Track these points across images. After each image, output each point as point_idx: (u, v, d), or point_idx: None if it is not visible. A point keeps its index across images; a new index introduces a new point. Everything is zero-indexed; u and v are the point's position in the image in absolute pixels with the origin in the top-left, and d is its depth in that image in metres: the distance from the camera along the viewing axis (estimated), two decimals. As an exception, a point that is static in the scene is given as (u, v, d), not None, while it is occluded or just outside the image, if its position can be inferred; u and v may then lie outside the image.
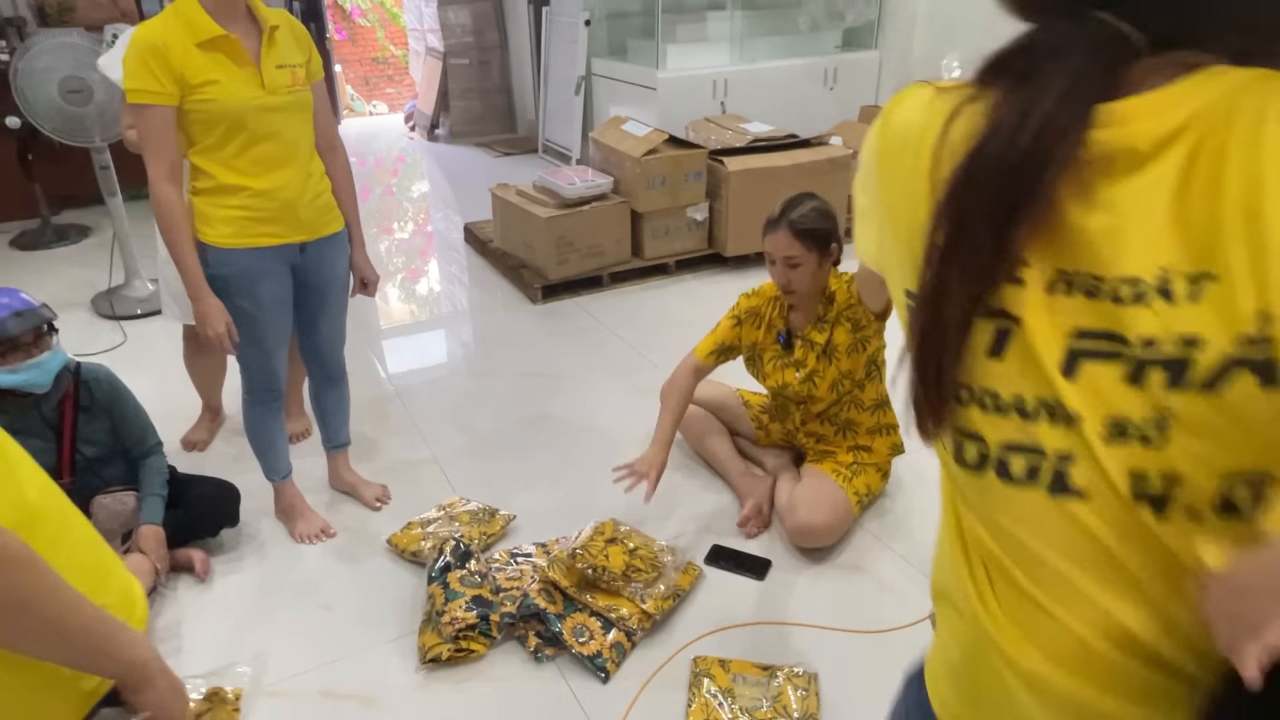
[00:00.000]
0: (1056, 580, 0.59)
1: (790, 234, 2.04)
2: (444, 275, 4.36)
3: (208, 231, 1.90)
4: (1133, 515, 0.55)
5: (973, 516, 0.64)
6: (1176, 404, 0.52)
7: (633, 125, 4.04)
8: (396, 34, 9.23)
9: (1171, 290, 0.51)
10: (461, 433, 2.79)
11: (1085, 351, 0.55)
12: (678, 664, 1.85)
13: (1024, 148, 0.53)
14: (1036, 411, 0.57)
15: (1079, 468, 0.56)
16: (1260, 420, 0.50)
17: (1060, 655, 0.60)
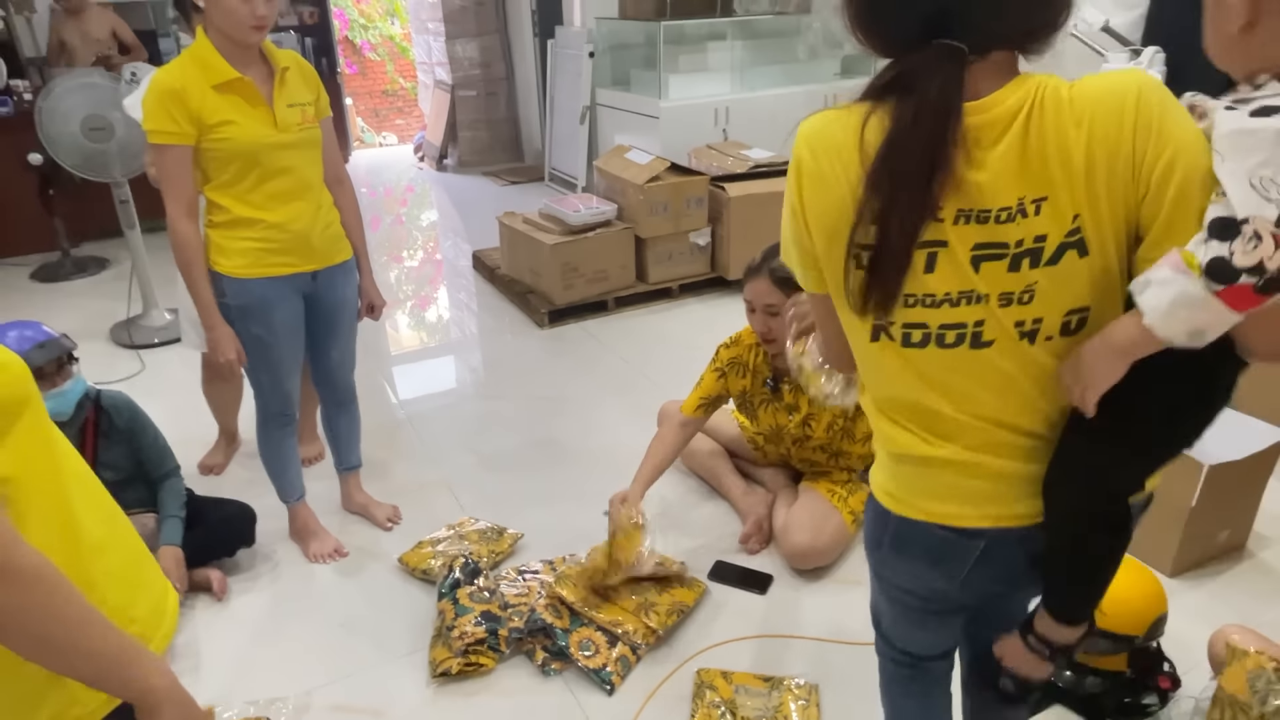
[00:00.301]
0: (974, 401, 0.97)
1: (770, 282, 2.04)
2: (452, 302, 4.44)
3: (224, 263, 1.98)
4: (1018, 347, 0.93)
5: (911, 383, 0.98)
6: (1036, 276, 0.90)
7: (635, 154, 4.13)
8: (405, 67, 9.43)
9: (1026, 210, 0.88)
10: (470, 454, 2.85)
11: (983, 256, 0.90)
12: (682, 677, 1.90)
13: (929, 133, 0.85)
14: (958, 300, 0.92)
15: (987, 327, 0.93)
16: (1079, 278, 0.89)
17: (976, 445, 0.99)
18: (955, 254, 0.90)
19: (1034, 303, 0.90)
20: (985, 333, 0.93)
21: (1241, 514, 2.23)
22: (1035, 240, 0.88)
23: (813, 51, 5.44)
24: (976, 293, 0.91)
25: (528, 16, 6.61)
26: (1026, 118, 0.86)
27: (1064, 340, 0.92)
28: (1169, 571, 2.16)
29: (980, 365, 0.94)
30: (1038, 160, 0.86)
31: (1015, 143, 0.86)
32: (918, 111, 0.85)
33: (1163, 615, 1.78)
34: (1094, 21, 3.75)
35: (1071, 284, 0.89)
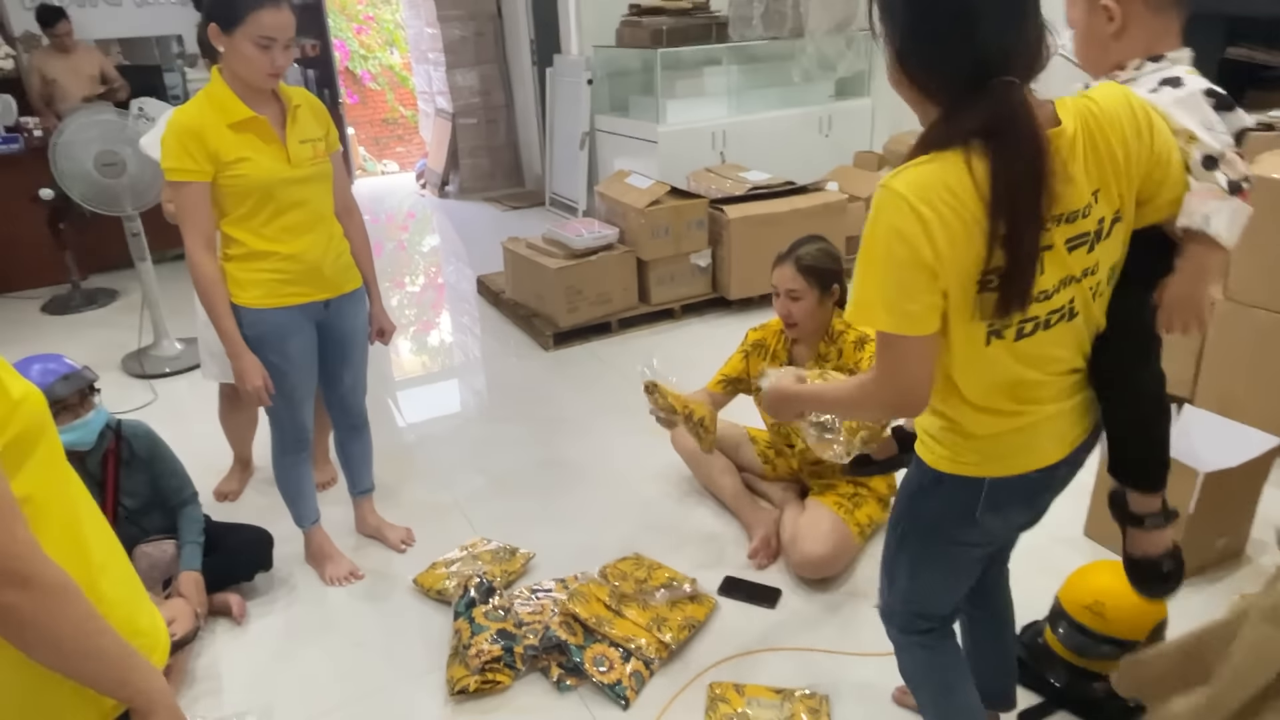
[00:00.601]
0: (1057, 361, 1.20)
1: (795, 269, 2.20)
2: (457, 326, 4.51)
3: (240, 294, 2.04)
4: (1089, 308, 1.19)
5: (1011, 367, 1.17)
6: (1100, 249, 1.15)
7: (636, 178, 4.21)
8: (405, 96, 9.57)
9: (1095, 203, 1.12)
10: (480, 475, 2.90)
11: (1073, 246, 1.12)
12: (695, 691, 1.93)
13: (1034, 162, 1.05)
14: (1059, 288, 1.14)
15: (1076, 301, 1.16)
16: (1119, 240, 1.18)
17: (1058, 395, 1.23)
18: (1059, 252, 1.11)
19: (1099, 270, 1.16)
20: (1075, 306, 1.17)
21: (1239, 520, 2.27)
22: (1098, 223, 1.13)
23: (807, 75, 5.54)
24: (1072, 277, 1.14)
25: (526, 46, 6.73)
26: (1084, 132, 1.10)
27: (1109, 289, 1.21)
28: (1170, 578, 2.19)
29: (1069, 333, 1.18)
30: (1095, 163, 1.11)
31: (1085, 154, 1.10)
32: (1020, 146, 1.04)
33: (1163, 620, 1.82)
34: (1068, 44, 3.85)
35: (1116, 248, 1.18)
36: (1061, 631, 1.86)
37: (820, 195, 4.25)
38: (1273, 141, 2.91)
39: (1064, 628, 1.86)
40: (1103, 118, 1.11)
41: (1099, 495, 2.36)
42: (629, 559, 2.30)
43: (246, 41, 1.88)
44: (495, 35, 7.07)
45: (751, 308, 4.18)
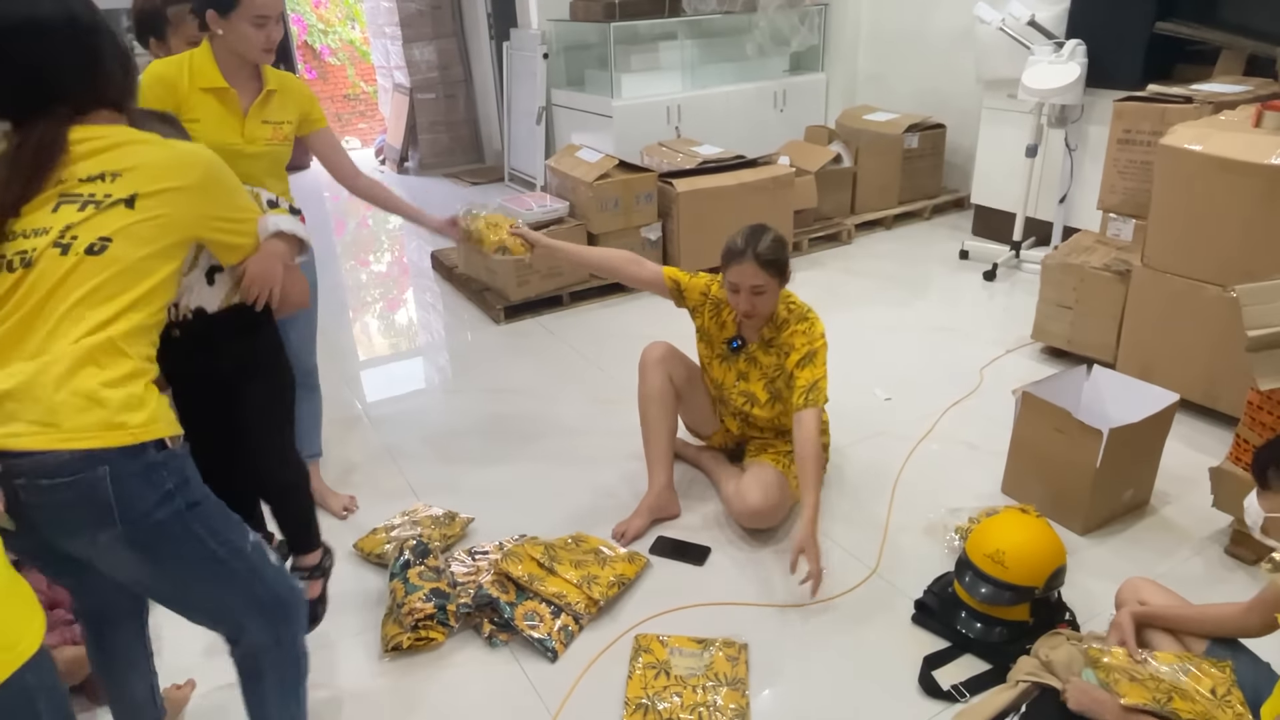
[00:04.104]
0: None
1: (757, 265, 2.16)
2: (415, 301, 4.53)
3: None
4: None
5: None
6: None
7: (586, 152, 4.25)
8: (366, 71, 9.45)
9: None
10: (426, 446, 2.95)
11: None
12: (622, 645, 2.02)
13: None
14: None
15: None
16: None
17: None
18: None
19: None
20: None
21: (1143, 474, 2.39)
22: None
23: (761, 49, 5.59)
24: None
25: (483, 19, 6.69)
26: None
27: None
28: (1080, 530, 2.31)
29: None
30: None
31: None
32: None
33: (1061, 567, 1.92)
34: (1020, 16, 3.93)
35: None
36: (967, 580, 1.96)
37: (769, 169, 4.31)
38: (1190, 114, 3.01)
39: (969, 576, 1.96)
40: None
41: (1014, 458, 2.47)
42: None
43: (244, 22, 2.01)
44: (452, 8, 7.02)
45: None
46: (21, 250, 1.21)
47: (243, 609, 1.41)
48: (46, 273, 1.20)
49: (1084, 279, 3.10)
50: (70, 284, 1.20)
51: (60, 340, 1.18)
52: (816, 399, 2.18)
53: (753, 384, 2.37)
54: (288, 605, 1.46)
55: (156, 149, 1.31)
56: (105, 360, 1.20)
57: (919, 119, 5.05)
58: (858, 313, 3.91)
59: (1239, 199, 2.52)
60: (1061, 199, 4.19)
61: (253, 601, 1.40)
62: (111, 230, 1.23)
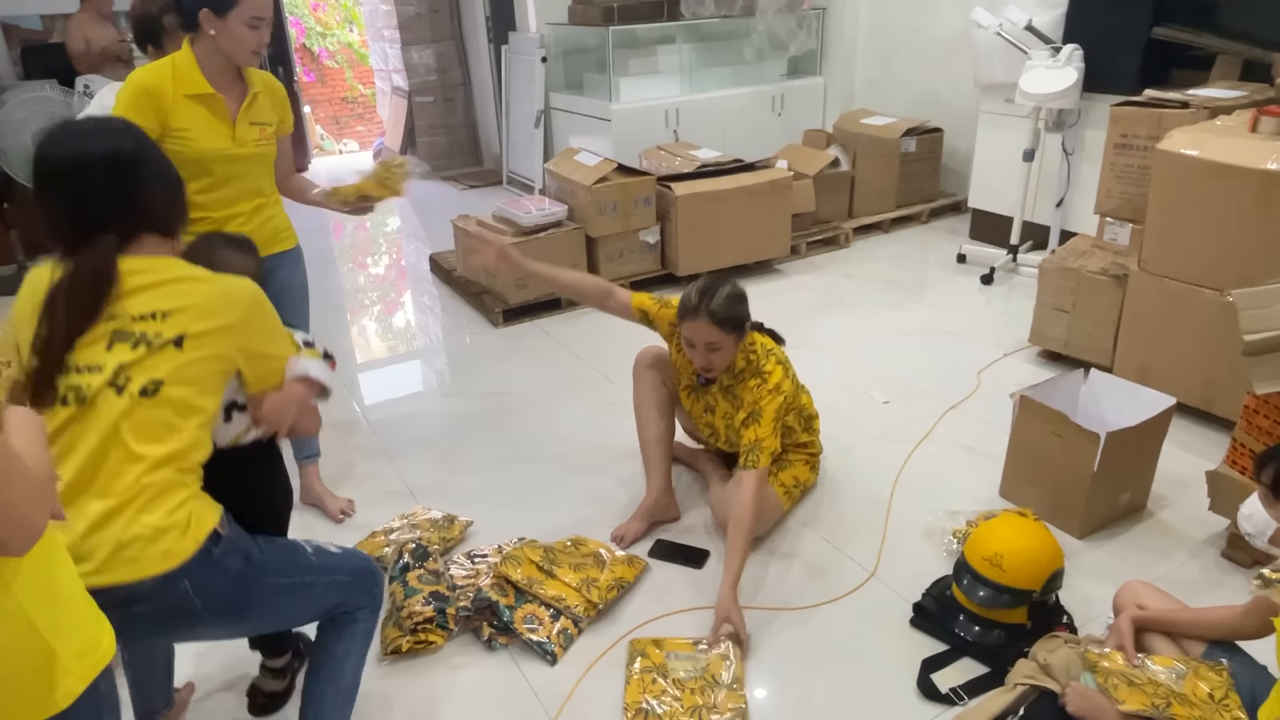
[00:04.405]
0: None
1: (710, 322, 2.11)
2: (413, 304, 4.53)
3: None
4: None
5: None
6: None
7: (584, 155, 4.25)
8: (364, 74, 9.46)
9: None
10: (425, 449, 2.95)
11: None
12: (621, 648, 2.02)
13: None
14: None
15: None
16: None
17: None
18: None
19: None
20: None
21: (1140, 477, 2.40)
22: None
23: (759, 53, 5.60)
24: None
25: (482, 23, 6.70)
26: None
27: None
28: (1077, 534, 2.32)
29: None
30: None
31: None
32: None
33: (1058, 571, 1.93)
34: (1018, 20, 3.95)
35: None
36: (965, 583, 1.97)
37: (767, 173, 4.32)
38: (1186, 119, 3.03)
39: (967, 580, 1.97)
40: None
41: (1011, 461, 2.48)
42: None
43: (239, 24, 2.00)
44: (451, 12, 7.03)
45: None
46: (76, 386, 1.28)
47: (334, 597, 1.57)
48: (102, 413, 1.28)
49: (1081, 283, 3.11)
50: (127, 426, 1.29)
51: (124, 479, 1.28)
52: (757, 461, 2.13)
53: (717, 419, 2.36)
54: (363, 572, 1.61)
55: (203, 286, 1.38)
56: (166, 493, 1.32)
57: (916, 123, 5.06)
58: (855, 316, 3.92)
59: (1235, 203, 2.54)
60: (1059, 203, 4.20)
61: (338, 588, 1.57)
62: (163, 373, 1.31)
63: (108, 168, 1.34)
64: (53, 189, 1.34)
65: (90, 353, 1.29)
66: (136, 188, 1.36)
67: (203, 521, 1.35)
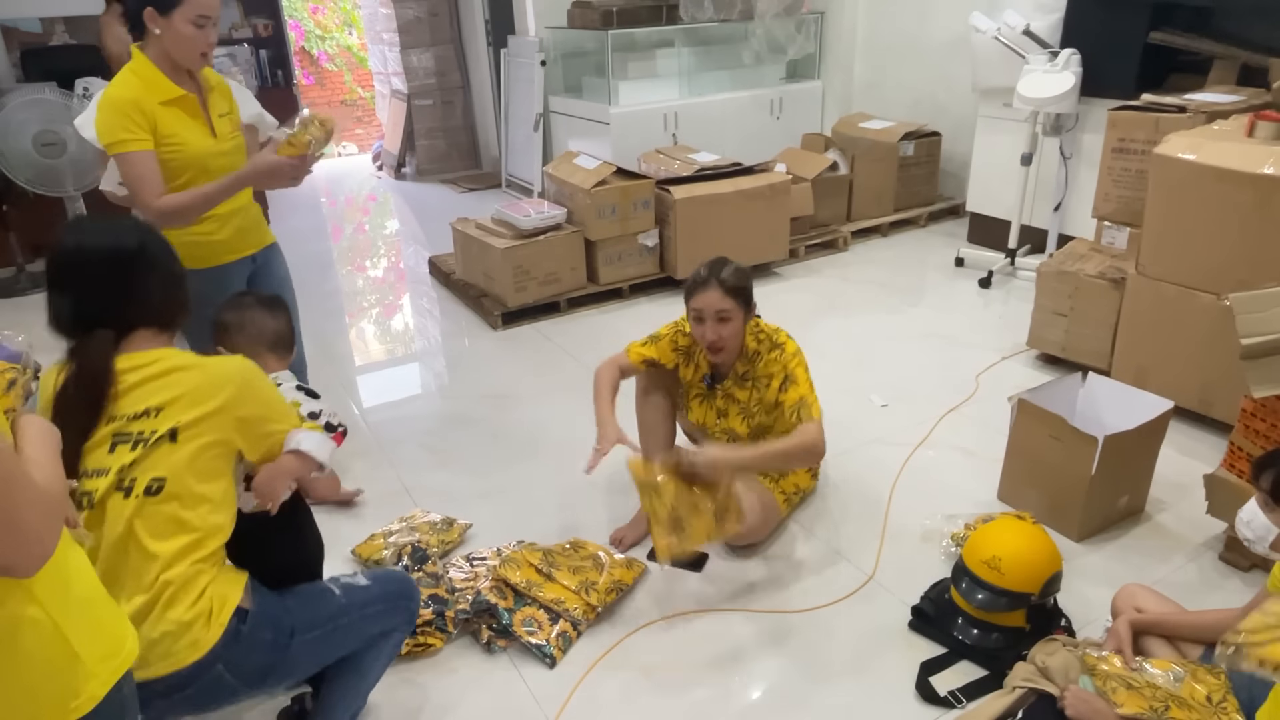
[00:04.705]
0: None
1: (721, 291, 2.16)
2: (412, 307, 4.53)
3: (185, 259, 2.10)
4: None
5: None
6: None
7: (583, 159, 4.26)
8: (364, 77, 9.47)
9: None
10: (424, 451, 2.96)
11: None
12: (620, 651, 2.02)
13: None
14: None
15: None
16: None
17: None
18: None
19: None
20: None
21: (1138, 480, 2.40)
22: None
23: (758, 57, 5.61)
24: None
25: (481, 26, 6.71)
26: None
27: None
28: (1075, 537, 2.32)
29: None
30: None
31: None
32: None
33: (1056, 574, 1.93)
34: (1016, 25, 3.96)
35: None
36: (964, 586, 1.97)
37: (766, 176, 4.33)
38: (1184, 123, 3.04)
39: (966, 583, 1.97)
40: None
41: (1009, 464, 2.48)
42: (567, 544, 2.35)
43: (185, 22, 1.97)
44: (450, 15, 7.04)
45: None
46: (87, 491, 1.32)
47: (372, 628, 1.60)
48: (114, 516, 1.31)
49: (1079, 286, 3.12)
50: (140, 525, 1.32)
51: (145, 577, 1.32)
52: (810, 413, 2.15)
53: (732, 420, 2.36)
54: (397, 595, 1.64)
55: (192, 375, 1.38)
56: (188, 586, 1.34)
57: (915, 127, 5.07)
58: (854, 319, 3.92)
59: (1232, 207, 2.54)
60: (1056, 207, 4.21)
61: (373, 619, 1.59)
62: (164, 470, 1.33)
63: (108, 264, 1.36)
64: (55, 284, 1.37)
65: (95, 457, 1.32)
66: (135, 284, 1.38)
67: (225, 603, 1.38)
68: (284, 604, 1.49)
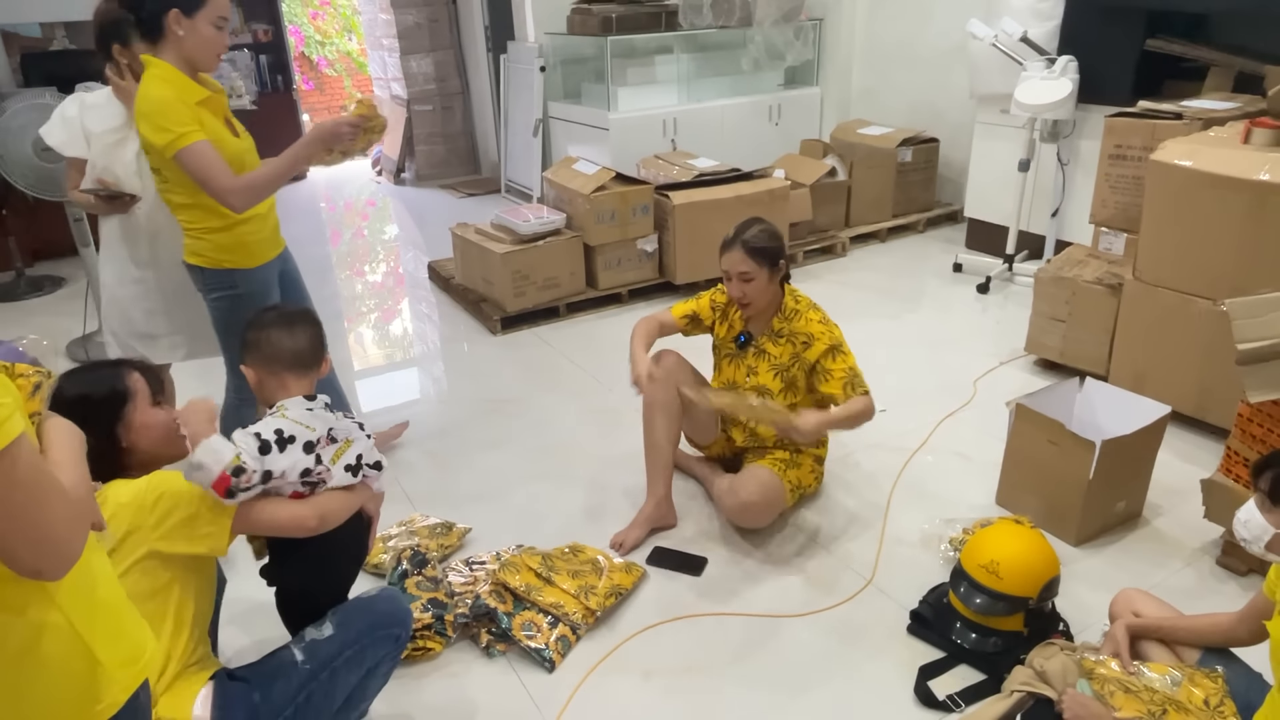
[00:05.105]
0: None
1: (743, 252, 2.26)
2: (411, 312, 4.54)
3: (227, 259, 2.21)
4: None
5: None
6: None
7: (583, 164, 4.27)
8: (364, 82, 9.50)
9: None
10: (424, 455, 2.96)
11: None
12: (621, 655, 2.02)
13: None
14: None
15: None
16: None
17: None
18: None
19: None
20: None
21: (1136, 485, 2.41)
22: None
23: (756, 64, 5.63)
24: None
25: (481, 32, 6.73)
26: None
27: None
28: (1073, 541, 2.33)
29: None
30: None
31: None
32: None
33: (1054, 578, 1.94)
34: (1013, 32, 3.98)
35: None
36: (962, 590, 1.97)
37: (764, 182, 4.35)
38: (1180, 130, 3.05)
39: (964, 587, 1.97)
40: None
41: (1007, 469, 2.49)
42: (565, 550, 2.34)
43: (207, 24, 2.01)
44: (450, 21, 7.06)
45: (698, 291, 4.26)
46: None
47: (354, 674, 1.55)
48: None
49: (1076, 292, 3.13)
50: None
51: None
52: (863, 386, 2.29)
53: (763, 376, 2.40)
54: (371, 629, 1.57)
55: (120, 492, 1.37)
56: (171, 706, 1.34)
57: (913, 133, 5.09)
58: (852, 325, 3.90)
59: (1228, 214, 2.56)
60: (1054, 213, 4.23)
61: (351, 664, 1.53)
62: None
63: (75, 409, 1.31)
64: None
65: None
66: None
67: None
68: (249, 698, 1.42)
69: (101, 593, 1.01)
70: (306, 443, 1.51)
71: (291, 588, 1.66)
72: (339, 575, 1.71)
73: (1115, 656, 1.70)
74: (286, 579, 1.64)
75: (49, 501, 0.85)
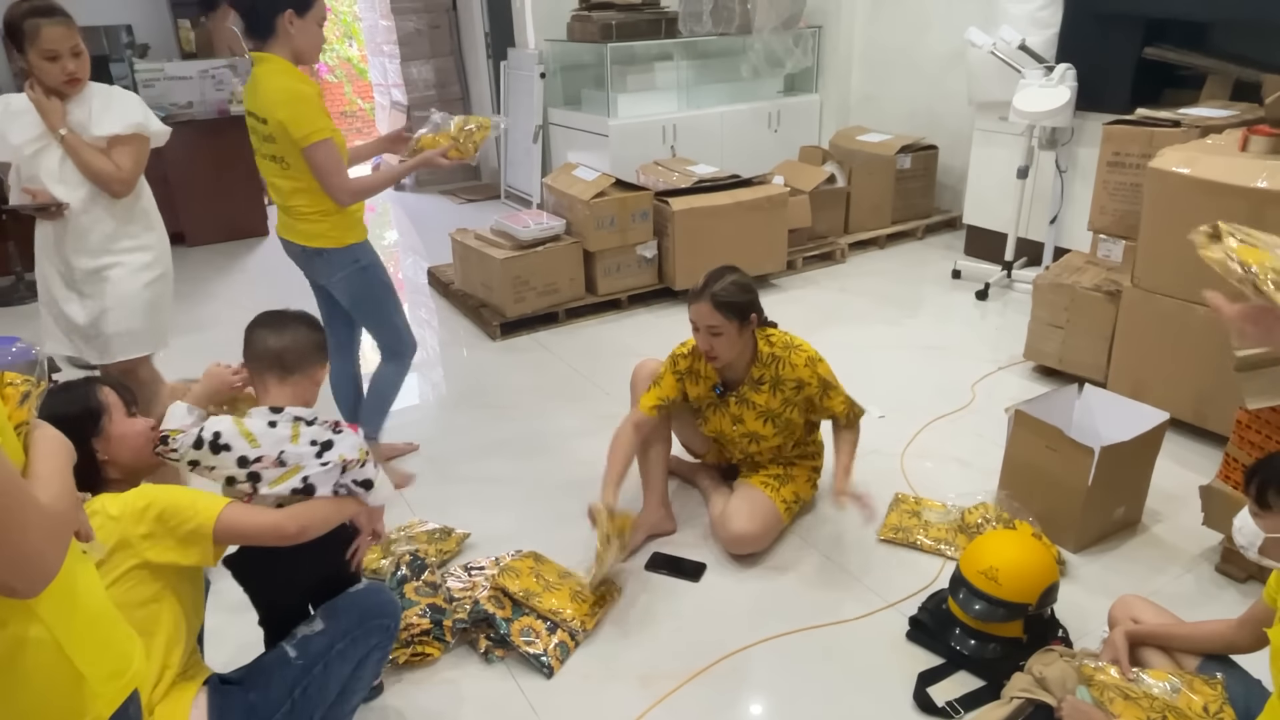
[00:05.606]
0: None
1: (711, 306, 2.17)
2: (411, 317, 4.52)
3: (347, 236, 2.43)
4: None
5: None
6: None
7: (582, 170, 4.28)
8: (363, 88, 9.52)
9: None
10: (422, 461, 2.96)
11: None
12: (619, 661, 2.02)
13: None
14: None
15: None
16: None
17: None
18: None
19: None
20: None
21: (1134, 492, 2.41)
22: None
23: (756, 71, 5.64)
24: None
25: (481, 39, 6.75)
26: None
27: None
28: (1072, 548, 2.33)
29: None
30: None
31: None
32: None
33: (1053, 585, 1.94)
34: (1012, 40, 3.99)
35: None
36: (961, 597, 1.97)
37: (763, 188, 4.36)
38: (1178, 137, 3.06)
39: (963, 593, 1.97)
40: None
41: (1006, 475, 2.49)
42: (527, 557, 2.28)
43: (315, 22, 2.20)
44: (450, 28, 7.08)
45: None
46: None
47: (345, 666, 1.55)
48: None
49: (1075, 299, 3.13)
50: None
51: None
52: (860, 411, 2.39)
53: (751, 424, 2.37)
54: (360, 621, 1.58)
55: (110, 505, 1.36)
56: (167, 716, 1.33)
57: (912, 140, 5.11)
58: (851, 331, 3.94)
59: (1226, 221, 2.55)
60: (1052, 220, 4.24)
61: (342, 657, 1.54)
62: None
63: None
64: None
65: None
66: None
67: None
68: (244, 698, 1.43)
69: (86, 605, 0.99)
70: (241, 457, 1.51)
71: (245, 578, 1.67)
72: (300, 579, 1.68)
73: (1114, 663, 1.70)
74: (238, 566, 1.64)
75: (23, 517, 0.83)
